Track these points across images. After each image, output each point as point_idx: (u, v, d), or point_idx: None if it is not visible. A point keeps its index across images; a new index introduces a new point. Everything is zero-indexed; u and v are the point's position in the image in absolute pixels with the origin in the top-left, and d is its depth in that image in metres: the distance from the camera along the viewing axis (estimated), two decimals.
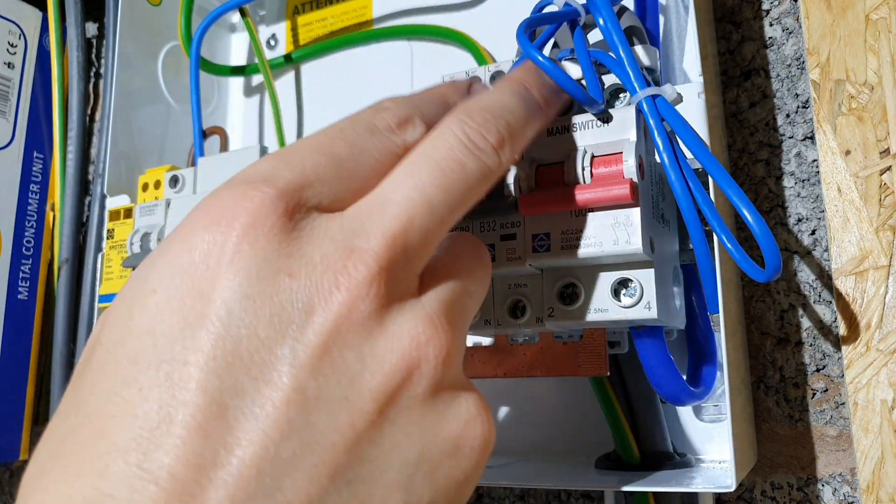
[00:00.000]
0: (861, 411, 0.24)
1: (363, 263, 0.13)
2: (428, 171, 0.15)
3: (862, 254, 0.25)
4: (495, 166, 0.16)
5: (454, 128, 0.16)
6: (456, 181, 0.15)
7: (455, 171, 0.15)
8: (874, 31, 0.26)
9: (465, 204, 0.16)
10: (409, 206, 0.14)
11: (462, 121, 0.16)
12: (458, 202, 0.15)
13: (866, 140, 0.25)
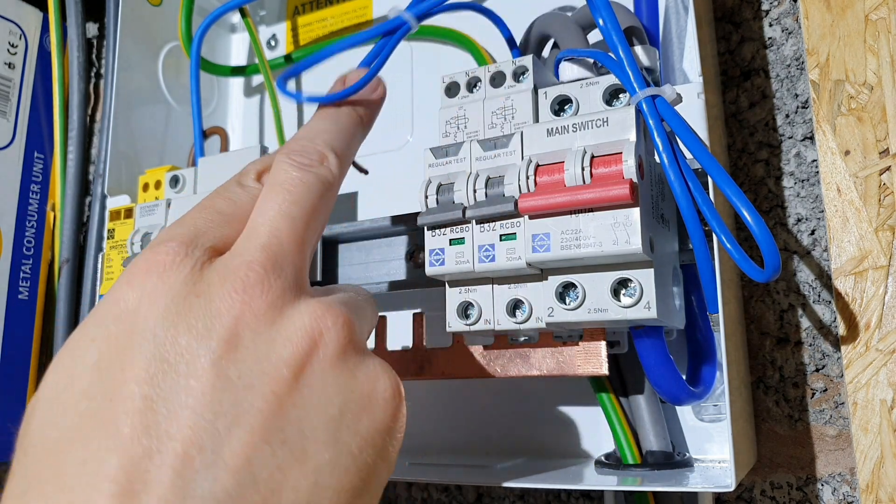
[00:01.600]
0: (860, 411, 0.24)
1: (251, 270, 0.17)
2: (277, 194, 0.19)
3: (861, 254, 0.25)
4: (328, 173, 0.20)
5: (282, 159, 0.20)
6: (302, 192, 0.19)
7: (297, 185, 0.19)
8: (873, 32, 0.26)
9: (319, 209, 0.19)
10: (273, 222, 0.18)
11: (288, 151, 0.20)
12: (311, 208, 0.19)
13: (866, 140, 0.25)
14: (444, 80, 0.24)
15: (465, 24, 0.34)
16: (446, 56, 0.34)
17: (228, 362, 0.15)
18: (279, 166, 0.20)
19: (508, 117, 0.23)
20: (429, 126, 0.35)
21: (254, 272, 0.17)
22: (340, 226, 0.33)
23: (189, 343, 0.15)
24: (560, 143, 0.21)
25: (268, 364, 0.16)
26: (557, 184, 0.20)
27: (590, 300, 0.20)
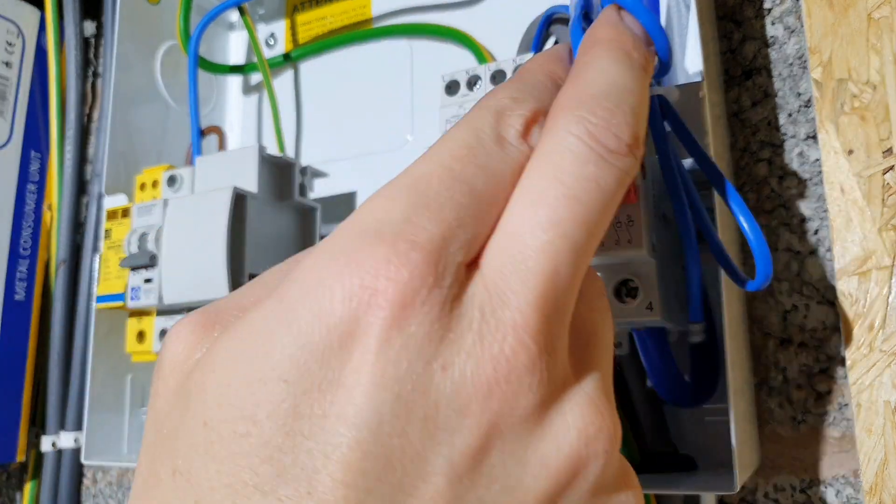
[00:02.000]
0: (864, 412, 0.23)
1: (521, 346, 0.11)
2: (562, 202, 0.12)
3: (865, 254, 0.24)
4: (632, 171, 0.13)
5: (577, 131, 0.12)
6: (594, 207, 0.12)
7: (591, 192, 0.12)
8: (876, 30, 0.25)
9: (603, 231, 0.13)
10: (553, 257, 0.12)
11: (583, 119, 0.12)
12: (598, 232, 0.12)
13: (869, 139, 0.25)
14: (445, 79, 0.24)
15: (465, 23, 0.34)
16: (446, 54, 0.34)
17: (468, 485, 0.11)
18: (569, 143, 0.12)
19: None
20: (428, 125, 0.34)
21: (525, 350, 0.11)
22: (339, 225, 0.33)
23: (424, 446, 0.10)
24: None
25: (513, 499, 0.11)
26: None
27: None
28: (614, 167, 0.12)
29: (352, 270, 0.11)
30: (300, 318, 0.11)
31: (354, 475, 0.10)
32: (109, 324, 0.34)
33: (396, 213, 0.12)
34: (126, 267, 0.31)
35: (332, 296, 0.11)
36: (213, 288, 0.28)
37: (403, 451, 0.10)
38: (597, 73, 0.14)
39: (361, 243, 0.11)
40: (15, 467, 0.47)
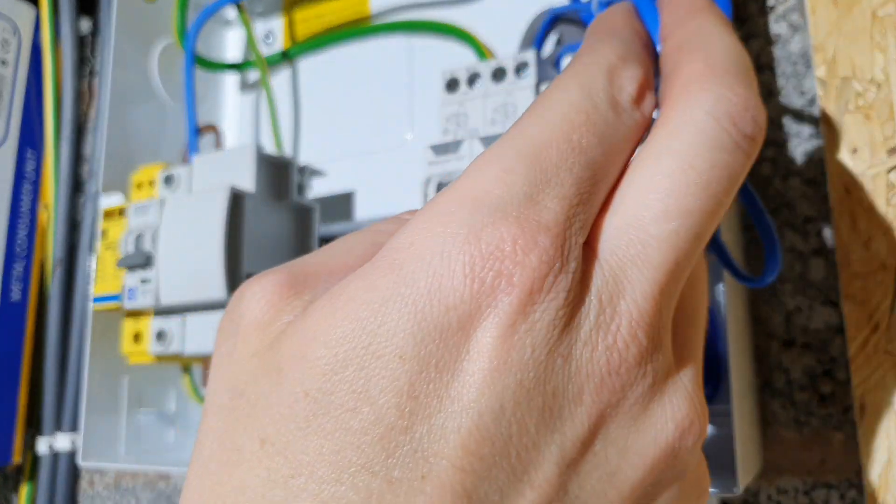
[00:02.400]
0: (868, 415, 0.23)
1: (633, 339, 0.11)
2: (693, 191, 0.11)
3: (869, 254, 0.24)
4: (755, 158, 0.12)
5: (716, 111, 0.11)
6: (723, 197, 0.12)
7: (722, 182, 0.11)
8: (881, 28, 0.25)
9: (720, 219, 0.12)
10: (675, 247, 0.11)
11: (723, 98, 0.12)
12: (718, 221, 0.12)
13: (873, 138, 0.25)
14: (445, 76, 0.24)
15: (465, 20, 0.33)
16: (446, 51, 0.34)
17: (574, 473, 0.11)
18: (703, 130, 0.11)
19: (510, 114, 0.22)
20: (427, 124, 0.34)
21: (636, 343, 0.11)
22: (338, 225, 0.33)
23: (540, 434, 0.10)
24: None
25: (611, 487, 0.11)
26: None
27: None
28: (745, 154, 0.12)
29: (477, 249, 0.10)
30: (418, 293, 0.10)
31: (472, 460, 0.10)
32: (106, 324, 0.34)
33: (518, 187, 0.11)
34: (122, 267, 0.30)
35: (455, 273, 0.10)
36: (210, 288, 0.28)
37: (520, 438, 0.10)
38: (723, 46, 0.12)
39: (485, 219, 0.11)
40: (11, 469, 0.47)
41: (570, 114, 0.12)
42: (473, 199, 0.11)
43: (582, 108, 0.12)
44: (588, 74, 0.12)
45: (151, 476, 0.42)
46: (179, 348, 0.30)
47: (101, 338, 0.34)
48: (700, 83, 0.12)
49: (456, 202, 0.11)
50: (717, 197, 0.11)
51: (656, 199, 0.11)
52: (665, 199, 0.11)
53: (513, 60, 0.23)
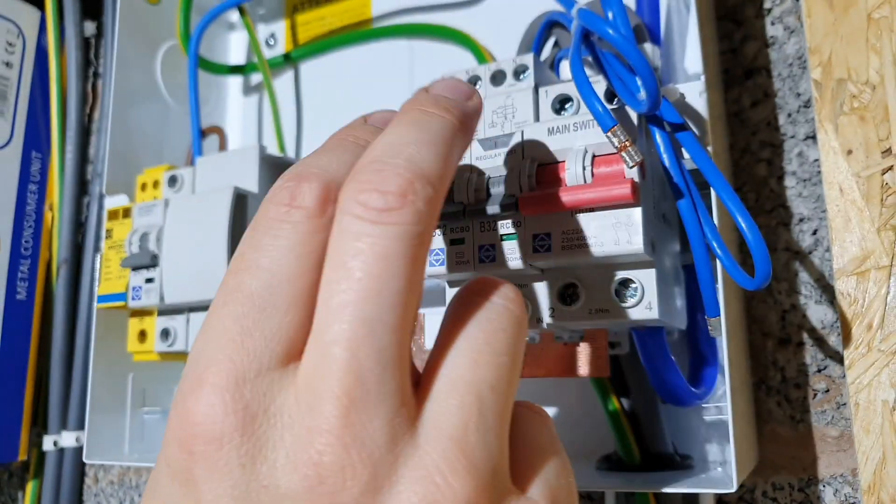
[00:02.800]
0: (862, 412, 0.24)
1: (328, 446, 0.12)
2: (347, 284, 0.13)
3: (864, 254, 0.24)
4: (417, 220, 0.13)
5: (349, 203, 0.13)
6: (385, 277, 0.13)
7: (372, 264, 0.13)
8: (876, 30, 0.25)
9: (413, 280, 0.13)
10: (345, 356, 0.12)
11: (354, 187, 0.13)
12: (400, 290, 0.13)
13: (868, 139, 0.25)
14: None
15: (465, 23, 0.34)
16: (446, 54, 0.34)
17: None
18: (345, 221, 0.13)
19: (509, 116, 0.23)
20: None
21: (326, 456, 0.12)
22: None
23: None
24: (561, 142, 0.21)
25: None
26: (558, 183, 0.20)
27: (591, 301, 0.20)
28: (391, 226, 0.13)
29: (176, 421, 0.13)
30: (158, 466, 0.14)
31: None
32: (110, 323, 0.35)
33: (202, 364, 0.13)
34: (127, 267, 0.31)
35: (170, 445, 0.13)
36: (214, 287, 0.28)
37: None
38: (380, 140, 0.14)
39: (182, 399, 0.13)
40: (17, 466, 0.47)
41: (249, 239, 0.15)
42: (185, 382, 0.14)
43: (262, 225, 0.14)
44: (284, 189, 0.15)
45: None
46: (184, 347, 0.30)
47: (105, 337, 0.34)
48: (345, 184, 0.14)
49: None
50: (380, 279, 0.13)
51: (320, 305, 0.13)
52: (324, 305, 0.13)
53: (512, 63, 0.23)
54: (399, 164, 0.13)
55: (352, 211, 0.13)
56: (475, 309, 0.15)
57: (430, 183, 0.13)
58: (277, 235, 0.14)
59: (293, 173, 0.14)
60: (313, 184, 0.14)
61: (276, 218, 0.14)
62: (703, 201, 0.20)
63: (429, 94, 0.16)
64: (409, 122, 0.15)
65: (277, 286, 0.14)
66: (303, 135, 0.38)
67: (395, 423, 0.13)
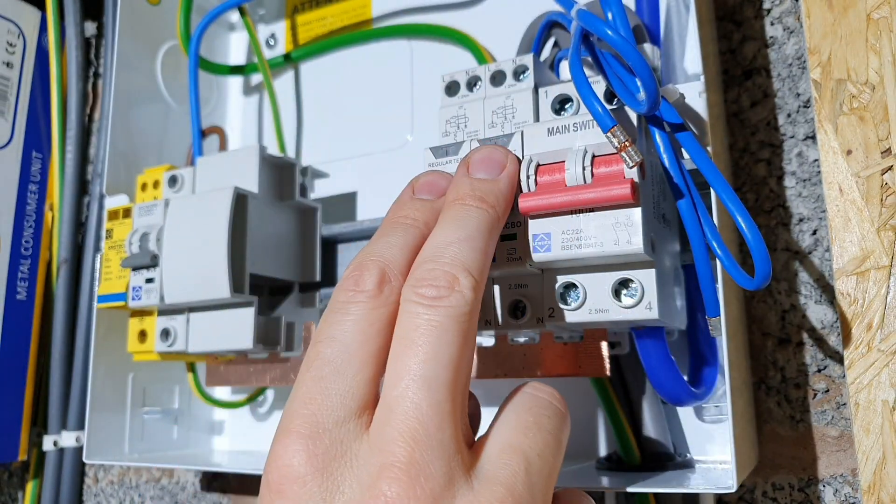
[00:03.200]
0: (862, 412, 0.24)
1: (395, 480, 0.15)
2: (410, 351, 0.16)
3: (863, 254, 0.24)
4: (464, 303, 0.17)
5: (410, 294, 0.17)
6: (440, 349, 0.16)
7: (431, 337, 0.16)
8: (875, 31, 0.25)
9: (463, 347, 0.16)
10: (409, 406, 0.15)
11: (413, 283, 0.17)
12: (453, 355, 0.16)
13: (868, 140, 0.25)
14: (445, 79, 0.24)
15: (465, 23, 0.34)
16: (446, 55, 0.34)
17: None
18: (406, 309, 0.17)
19: (509, 116, 0.23)
20: (429, 125, 0.35)
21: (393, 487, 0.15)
22: (339, 226, 0.33)
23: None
24: (561, 142, 0.21)
25: None
26: (558, 183, 0.20)
27: (591, 300, 0.20)
28: (442, 308, 0.16)
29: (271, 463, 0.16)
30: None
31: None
32: (111, 323, 0.35)
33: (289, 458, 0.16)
34: (127, 267, 0.31)
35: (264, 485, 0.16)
36: (214, 288, 0.28)
37: None
38: (426, 244, 0.18)
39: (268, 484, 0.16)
40: (17, 466, 0.47)
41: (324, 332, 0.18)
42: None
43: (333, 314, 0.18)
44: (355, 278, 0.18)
45: (155, 472, 0.43)
46: (184, 347, 0.30)
47: (106, 336, 0.34)
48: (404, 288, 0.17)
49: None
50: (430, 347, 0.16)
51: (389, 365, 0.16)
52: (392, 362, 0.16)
53: (511, 64, 0.23)
54: (446, 263, 0.17)
55: (412, 300, 0.17)
56: (526, 399, 0.18)
57: (471, 274, 0.17)
58: (347, 313, 0.17)
59: (356, 263, 0.18)
60: (372, 271, 0.17)
61: (345, 300, 0.17)
62: (703, 201, 0.20)
63: (468, 181, 0.19)
64: (452, 220, 0.18)
65: (348, 353, 0.17)
66: (303, 135, 0.39)
67: (453, 465, 0.15)
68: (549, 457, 0.17)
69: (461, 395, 0.16)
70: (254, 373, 0.31)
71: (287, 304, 0.33)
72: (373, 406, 0.16)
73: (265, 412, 0.37)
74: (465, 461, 0.16)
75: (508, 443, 0.16)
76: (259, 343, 0.29)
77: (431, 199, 0.20)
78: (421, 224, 0.19)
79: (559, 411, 0.18)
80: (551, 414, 0.18)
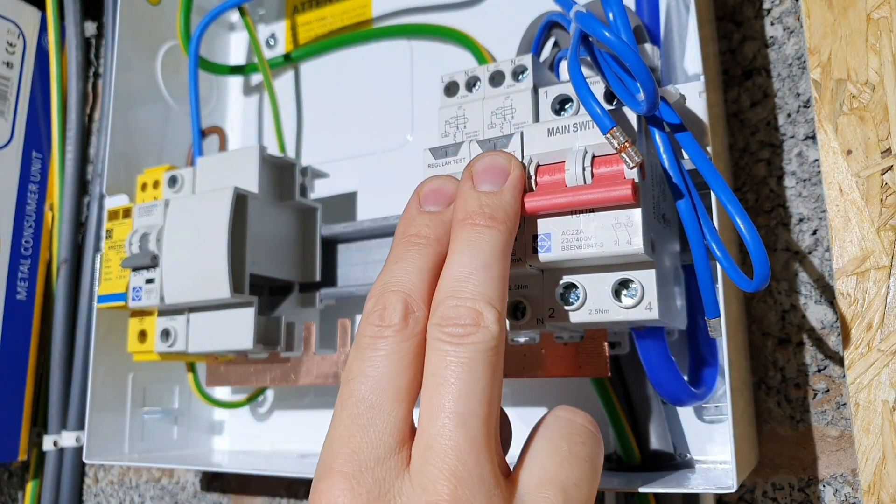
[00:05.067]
0: (862, 412, 0.24)
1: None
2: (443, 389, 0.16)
3: (863, 254, 0.24)
4: (490, 338, 0.17)
5: (437, 333, 0.17)
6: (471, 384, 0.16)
7: (461, 374, 0.16)
8: (875, 31, 0.25)
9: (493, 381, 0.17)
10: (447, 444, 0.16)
11: (438, 321, 0.17)
12: (484, 389, 0.16)
13: (868, 140, 0.25)
14: (444, 80, 0.24)
15: (465, 23, 0.34)
16: (446, 55, 0.34)
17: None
18: (434, 346, 0.17)
19: (508, 117, 0.23)
20: (429, 125, 0.35)
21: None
22: (340, 226, 0.33)
23: None
24: (561, 142, 0.21)
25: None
26: (558, 184, 0.20)
27: (591, 301, 0.20)
28: (469, 345, 0.17)
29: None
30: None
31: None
32: (111, 323, 0.35)
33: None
34: (127, 267, 0.31)
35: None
36: (214, 288, 0.28)
37: None
38: (443, 276, 0.18)
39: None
40: (17, 466, 0.47)
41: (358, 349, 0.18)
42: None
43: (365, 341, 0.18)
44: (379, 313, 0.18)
45: (155, 473, 0.43)
46: (184, 347, 0.30)
47: (106, 336, 0.34)
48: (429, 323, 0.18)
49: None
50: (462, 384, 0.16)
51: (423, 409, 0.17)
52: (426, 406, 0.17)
53: (510, 64, 0.23)
54: (468, 299, 0.17)
55: (440, 338, 0.17)
56: (561, 424, 0.18)
57: (494, 306, 0.17)
58: (376, 349, 0.17)
59: (378, 295, 0.18)
60: (396, 305, 0.18)
61: (372, 335, 0.17)
62: (703, 202, 0.20)
63: (475, 196, 0.19)
64: (466, 247, 0.18)
65: (382, 388, 0.17)
66: (303, 135, 0.39)
67: (494, 500, 0.16)
68: (586, 485, 0.17)
69: (494, 427, 0.17)
70: (254, 373, 0.31)
71: (287, 305, 0.33)
72: (410, 440, 0.17)
73: (265, 412, 0.37)
74: (504, 495, 0.16)
75: (546, 475, 0.17)
76: (259, 343, 0.29)
77: (439, 209, 0.19)
78: (434, 241, 0.19)
79: (593, 436, 0.18)
80: (585, 440, 0.18)
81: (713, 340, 0.25)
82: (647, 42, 0.25)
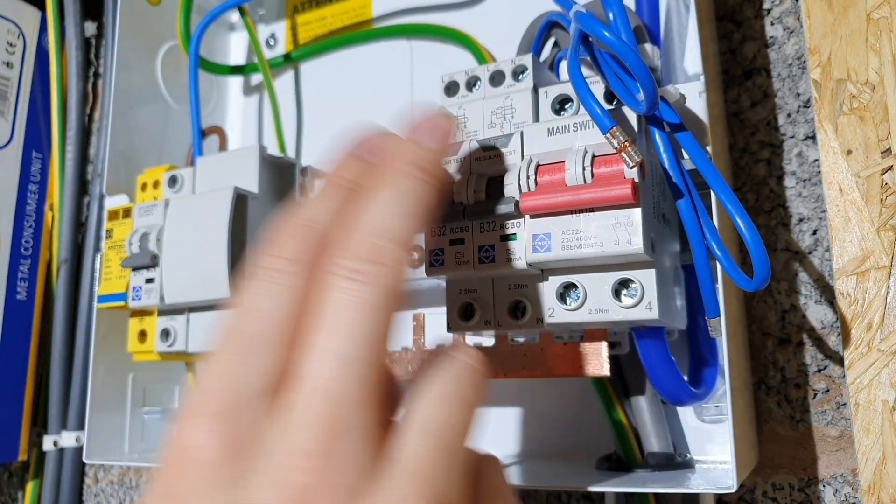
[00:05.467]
0: (862, 412, 0.24)
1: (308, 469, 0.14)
2: (323, 327, 0.15)
3: (863, 254, 0.24)
4: (387, 277, 0.15)
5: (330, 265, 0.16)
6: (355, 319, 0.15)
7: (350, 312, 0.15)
8: (875, 31, 0.25)
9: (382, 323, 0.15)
10: (331, 373, 0.14)
11: (337, 253, 0.16)
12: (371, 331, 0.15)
13: (868, 140, 0.25)
14: (444, 80, 0.24)
15: (465, 23, 0.34)
16: (446, 55, 0.34)
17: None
18: (324, 279, 0.15)
19: (508, 117, 0.23)
20: None
21: (307, 476, 0.13)
22: None
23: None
24: (561, 142, 0.21)
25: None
26: (558, 183, 0.20)
27: (591, 301, 0.20)
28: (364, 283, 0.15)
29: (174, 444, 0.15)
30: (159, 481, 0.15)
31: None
32: (111, 323, 0.35)
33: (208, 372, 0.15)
34: (127, 267, 0.31)
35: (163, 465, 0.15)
36: (214, 287, 0.28)
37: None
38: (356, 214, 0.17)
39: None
40: (17, 466, 0.47)
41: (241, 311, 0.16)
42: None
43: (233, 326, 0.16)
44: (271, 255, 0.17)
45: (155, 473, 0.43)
46: (184, 347, 0.30)
47: (106, 336, 0.34)
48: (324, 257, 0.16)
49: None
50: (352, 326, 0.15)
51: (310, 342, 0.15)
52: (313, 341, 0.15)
53: (510, 64, 0.23)
54: (372, 234, 0.16)
55: (331, 271, 0.15)
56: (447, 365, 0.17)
57: (398, 246, 0.16)
58: (265, 280, 0.16)
59: (279, 225, 0.17)
60: (294, 235, 0.16)
61: (266, 266, 0.16)
62: (703, 201, 0.20)
63: (411, 148, 0.18)
64: (386, 188, 0.17)
65: (267, 324, 0.15)
66: (303, 135, 0.39)
67: (369, 450, 0.14)
68: (462, 427, 0.16)
69: (379, 370, 0.15)
70: None
71: None
72: (286, 383, 0.15)
73: None
74: (383, 446, 0.15)
75: (425, 423, 0.15)
76: None
77: (369, 160, 0.18)
78: (356, 186, 0.18)
79: (477, 372, 0.17)
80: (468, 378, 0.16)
81: (713, 340, 0.25)
82: (647, 42, 0.25)
